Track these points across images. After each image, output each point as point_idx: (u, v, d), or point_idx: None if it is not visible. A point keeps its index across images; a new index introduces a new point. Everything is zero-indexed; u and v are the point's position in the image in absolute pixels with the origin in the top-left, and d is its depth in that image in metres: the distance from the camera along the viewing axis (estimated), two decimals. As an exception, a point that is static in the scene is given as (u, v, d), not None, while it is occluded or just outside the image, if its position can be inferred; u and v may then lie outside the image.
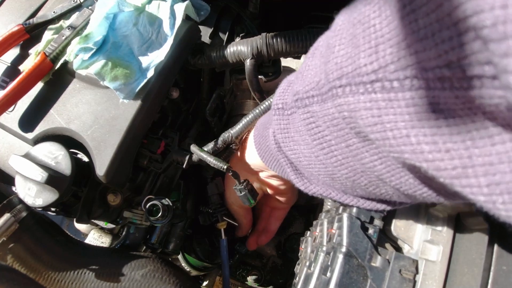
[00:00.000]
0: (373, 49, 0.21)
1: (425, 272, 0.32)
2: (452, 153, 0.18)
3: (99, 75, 0.47)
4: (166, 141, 0.55)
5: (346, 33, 0.24)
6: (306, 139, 0.31)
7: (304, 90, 0.29)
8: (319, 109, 0.27)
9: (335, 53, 0.24)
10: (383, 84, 0.20)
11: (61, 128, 0.49)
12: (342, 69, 0.23)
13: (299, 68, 0.33)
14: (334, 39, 0.25)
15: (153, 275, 0.52)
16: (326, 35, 0.29)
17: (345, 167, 0.29)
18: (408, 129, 0.19)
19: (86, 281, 0.49)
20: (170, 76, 0.51)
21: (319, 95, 0.27)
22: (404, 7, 0.18)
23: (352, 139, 0.26)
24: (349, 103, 0.23)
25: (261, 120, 0.48)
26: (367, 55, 0.21)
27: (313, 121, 0.29)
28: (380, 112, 0.21)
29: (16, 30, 0.53)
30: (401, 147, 0.20)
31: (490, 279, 0.30)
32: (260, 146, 0.46)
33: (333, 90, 0.24)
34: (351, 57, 0.23)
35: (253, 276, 0.77)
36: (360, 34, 0.22)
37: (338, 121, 0.26)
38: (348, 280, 0.32)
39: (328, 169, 0.31)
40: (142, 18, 0.51)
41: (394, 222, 0.36)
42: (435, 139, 0.18)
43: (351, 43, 0.23)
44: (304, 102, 0.29)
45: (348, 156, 0.28)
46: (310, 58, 0.30)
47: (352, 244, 0.33)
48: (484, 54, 0.14)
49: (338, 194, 0.35)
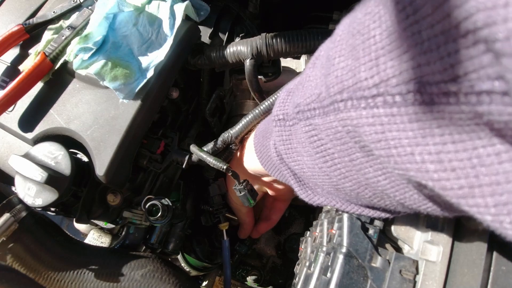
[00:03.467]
0: (373, 61, 0.20)
1: (425, 273, 0.32)
2: (458, 172, 0.17)
3: (99, 75, 0.47)
4: (166, 141, 0.55)
5: (346, 44, 0.23)
6: (309, 151, 0.31)
7: (305, 102, 0.28)
8: (322, 122, 0.26)
9: (335, 65, 0.23)
10: (385, 98, 0.19)
11: (61, 128, 0.49)
12: (343, 83, 0.22)
13: (299, 78, 0.33)
14: (334, 50, 0.24)
15: (153, 275, 0.52)
16: (326, 45, 0.28)
17: (349, 180, 0.28)
18: (413, 146, 0.19)
19: (85, 281, 0.49)
20: (170, 76, 0.51)
21: (320, 107, 0.26)
22: (407, 18, 0.17)
23: (355, 154, 0.25)
24: (352, 118, 0.22)
25: (260, 128, 0.47)
26: (368, 68, 0.20)
27: (315, 134, 0.28)
28: (383, 128, 0.20)
29: (16, 30, 0.52)
30: (406, 165, 0.20)
31: (490, 279, 0.30)
32: (261, 154, 0.46)
33: (335, 104, 0.24)
34: (351, 70, 0.22)
35: (253, 276, 0.77)
36: (359, 45, 0.21)
37: (342, 134, 0.25)
38: (348, 280, 0.32)
39: (333, 180, 0.31)
40: (142, 18, 0.51)
41: (394, 223, 0.36)
42: (441, 157, 0.18)
43: (351, 55, 0.22)
44: (306, 114, 0.29)
45: (352, 170, 0.27)
46: (311, 69, 0.29)
47: (353, 245, 0.33)
48: (494, 69, 0.13)
49: (343, 204, 0.35)
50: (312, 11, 0.83)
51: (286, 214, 0.79)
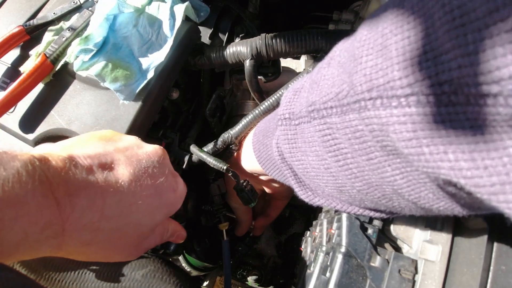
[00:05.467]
0: (408, 61, 0.20)
1: (424, 272, 0.32)
2: (490, 170, 0.18)
3: (99, 76, 0.47)
4: (166, 141, 0.55)
5: (374, 43, 0.23)
6: (317, 150, 0.31)
7: (322, 101, 0.28)
8: (339, 120, 0.26)
9: (362, 64, 0.24)
10: (418, 98, 0.20)
11: (61, 129, 0.49)
12: (372, 81, 0.22)
13: (310, 77, 0.32)
14: (360, 49, 0.24)
15: (154, 275, 0.52)
16: (344, 45, 0.28)
17: (360, 180, 0.28)
18: (446, 145, 0.19)
19: (86, 281, 0.49)
20: (170, 77, 0.51)
21: (338, 106, 0.26)
22: (453, 20, 0.18)
23: (375, 153, 0.25)
24: (380, 116, 0.22)
25: (260, 126, 0.47)
26: (402, 67, 0.20)
27: (330, 133, 0.28)
28: (415, 127, 0.20)
29: (16, 31, 0.53)
30: (438, 163, 0.20)
31: (489, 279, 0.30)
32: (260, 153, 0.45)
33: (361, 103, 0.24)
34: (382, 69, 0.22)
35: (254, 276, 0.77)
36: (392, 45, 0.21)
37: (362, 133, 0.25)
38: (348, 280, 0.32)
39: (338, 182, 0.31)
40: (142, 19, 0.51)
41: (394, 222, 0.36)
42: (474, 156, 0.18)
43: (381, 54, 0.22)
44: (321, 113, 0.28)
45: (365, 170, 0.27)
46: (326, 68, 0.29)
47: (351, 244, 0.33)
48: None
49: (343, 206, 0.35)
50: (312, 11, 0.83)
51: (287, 214, 0.79)
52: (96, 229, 0.30)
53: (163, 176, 0.36)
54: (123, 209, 0.32)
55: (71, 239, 0.29)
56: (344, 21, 0.73)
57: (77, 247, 0.30)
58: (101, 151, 0.33)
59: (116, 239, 0.33)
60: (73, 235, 0.29)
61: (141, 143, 0.38)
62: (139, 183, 0.33)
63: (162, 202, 0.37)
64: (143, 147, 0.37)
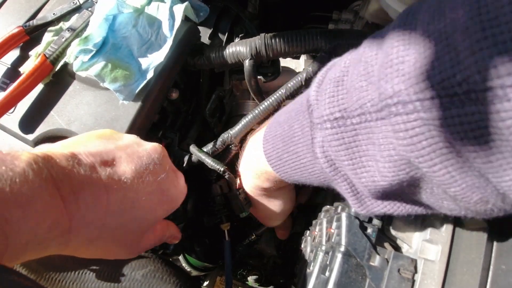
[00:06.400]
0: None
1: (424, 272, 0.32)
2: None
3: (99, 76, 0.47)
4: (165, 141, 0.55)
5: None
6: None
7: (415, 89, 0.22)
8: (455, 113, 0.22)
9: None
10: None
11: (61, 130, 0.49)
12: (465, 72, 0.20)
13: (363, 66, 0.27)
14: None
15: (154, 275, 0.52)
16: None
17: (459, 184, 0.24)
18: None
19: (86, 281, 0.49)
20: (170, 77, 0.51)
21: (454, 95, 0.22)
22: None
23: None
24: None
25: (273, 131, 0.40)
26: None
27: (423, 131, 0.23)
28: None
29: (16, 32, 0.53)
30: None
31: (489, 278, 0.30)
32: (281, 163, 0.39)
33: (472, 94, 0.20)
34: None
35: (254, 276, 0.77)
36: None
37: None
38: (347, 279, 0.32)
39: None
40: (142, 20, 0.51)
41: (393, 222, 0.36)
42: None
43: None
44: (414, 106, 0.22)
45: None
46: (404, 49, 0.23)
47: (351, 244, 0.33)
48: None
49: (404, 208, 0.31)
50: (311, 11, 0.83)
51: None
52: (101, 225, 0.30)
53: (163, 172, 0.36)
54: (126, 205, 0.32)
55: (77, 236, 0.29)
56: (344, 20, 0.73)
57: (83, 244, 0.30)
58: (102, 149, 0.33)
59: (120, 235, 0.33)
60: (79, 232, 0.29)
61: (140, 141, 0.38)
62: (141, 179, 0.34)
63: (164, 198, 0.37)
64: (142, 145, 0.38)
